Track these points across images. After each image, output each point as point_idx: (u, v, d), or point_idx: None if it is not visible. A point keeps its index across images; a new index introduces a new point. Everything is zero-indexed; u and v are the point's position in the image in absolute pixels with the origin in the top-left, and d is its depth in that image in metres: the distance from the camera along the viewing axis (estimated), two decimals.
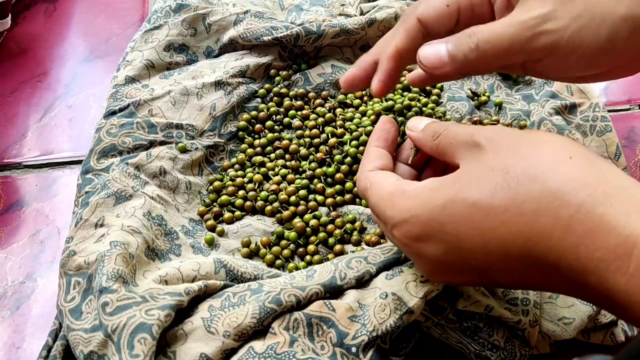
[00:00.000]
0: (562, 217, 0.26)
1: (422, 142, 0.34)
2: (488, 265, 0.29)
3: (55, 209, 0.51)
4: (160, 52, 0.56)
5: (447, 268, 0.31)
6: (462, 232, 0.29)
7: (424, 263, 0.32)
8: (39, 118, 0.58)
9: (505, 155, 0.29)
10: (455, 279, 0.32)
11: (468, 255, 0.29)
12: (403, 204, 0.31)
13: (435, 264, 0.31)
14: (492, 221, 0.28)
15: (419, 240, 0.31)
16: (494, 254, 0.28)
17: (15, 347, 0.43)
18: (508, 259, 0.28)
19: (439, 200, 0.30)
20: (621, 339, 0.40)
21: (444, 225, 0.29)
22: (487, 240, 0.28)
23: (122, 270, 0.38)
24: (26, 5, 0.68)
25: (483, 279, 0.31)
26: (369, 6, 0.61)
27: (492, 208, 0.28)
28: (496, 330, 0.38)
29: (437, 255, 0.30)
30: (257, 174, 0.51)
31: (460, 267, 0.30)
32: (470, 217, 0.28)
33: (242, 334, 0.36)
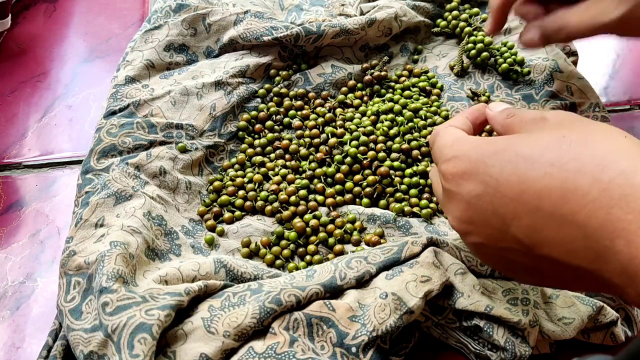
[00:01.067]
0: (602, 179, 0.27)
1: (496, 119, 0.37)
2: (515, 216, 0.30)
3: (55, 209, 0.51)
4: (160, 52, 0.56)
5: (475, 214, 0.32)
6: (503, 177, 0.30)
7: (456, 205, 0.33)
8: (39, 118, 0.58)
9: (566, 126, 0.31)
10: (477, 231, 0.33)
11: (500, 201, 0.30)
12: (461, 145, 0.34)
13: (465, 207, 0.33)
14: (536, 172, 0.29)
15: (461, 177, 0.33)
16: (526, 203, 0.29)
17: (15, 347, 0.43)
18: (537, 213, 0.29)
19: (493, 147, 0.32)
20: (621, 339, 0.40)
21: (489, 167, 0.31)
22: (524, 188, 0.29)
23: (122, 270, 0.38)
24: (26, 5, 0.68)
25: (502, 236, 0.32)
26: (369, 6, 0.61)
27: (539, 162, 0.29)
28: (496, 330, 0.38)
29: (471, 197, 0.32)
30: (257, 174, 0.51)
31: (487, 215, 0.32)
32: (516, 164, 0.30)
33: (242, 334, 0.36)
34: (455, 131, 0.36)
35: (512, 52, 0.57)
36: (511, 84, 0.57)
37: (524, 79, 0.56)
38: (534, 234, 0.30)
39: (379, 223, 0.48)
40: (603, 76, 0.63)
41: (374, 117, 0.54)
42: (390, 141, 0.52)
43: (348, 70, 0.58)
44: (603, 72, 0.64)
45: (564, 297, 0.40)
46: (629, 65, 0.64)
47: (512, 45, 0.58)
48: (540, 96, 0.55)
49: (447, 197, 0.35)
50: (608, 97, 0.60)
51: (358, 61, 0.60)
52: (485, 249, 0.34)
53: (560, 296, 0.40)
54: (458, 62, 0.59)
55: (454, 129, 0.37)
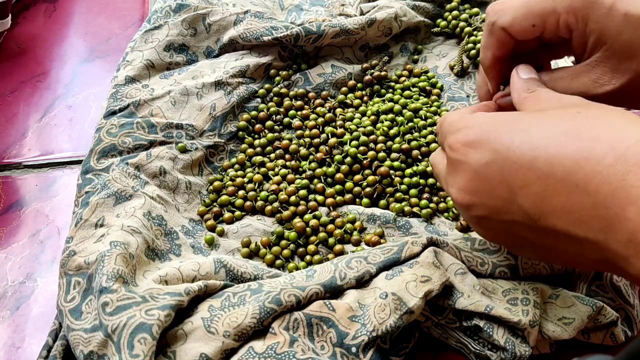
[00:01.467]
0: (618, 147, 0.27)
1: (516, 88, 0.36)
2: (524, 184, 0.30)
3: (55, 209, 0.51)
4: (160, 52, 0.56)
5: (481, 183, 0.32)
6: (515, 143, 0.30)
7: (461, 175, 0.33)
8: (39, 118, 0.58)
9: (582, 105, 0.31)
10: (482, 199, 0.32)
11: (509, 169, 0.30)
12: (473, 117, 0.33)
13: (471, 176, 0.32)
14: (549, 139, 0.29)
15: (470, 145, 0.32)
16: (537, 170, 0.29)
17: (15, 347, 0.43)
18: (547, 180, 0.29)
19: (507, 117, 0.32)
20: (621, 339, 0.40)
21: (501, 135, 0.31)
22: (536, 155, 0.29)
23: (122, 270, 0.38)
24: (26, 5, 0.68)
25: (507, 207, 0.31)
26: (369, 6, 0.61)
27: (552, 130, 0.29)
28: (496, 330, 0.38)
29: (479, 166, 0.31)
30: (257, 174, 0.51)
31: (493, 185, 0.31)
32: (529, 131, 0.30)
33: (242, 334, 0.36)
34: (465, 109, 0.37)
35: None
36: None
37: None
38: (541, 202, 0.29)
39: (379, 223, 0.48)
40: None
41: (374, 117, 0.54)
42: (390, 141, 0.52)
43: (348, 70, 0.58)
44: None
45: (564, 297, 0.40)
46: None
47: None
48: None
49: (452, 168, 0.34)
50: None
51: (358, 61, 0.60)
52: (488, 223, 0.34)
53: (560, 296, 0.40)
54: (458, 62, 0.59)
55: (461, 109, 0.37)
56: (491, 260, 0.41)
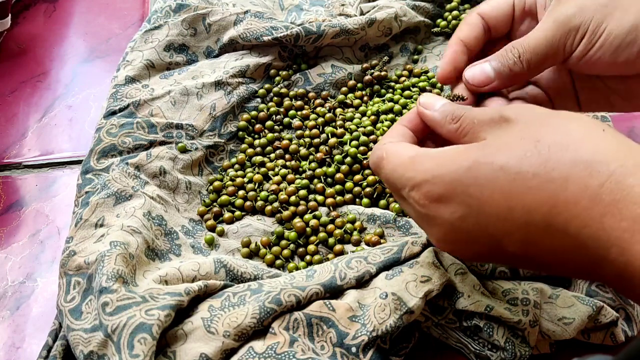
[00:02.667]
0: (591, 185, 0.26)
1: (438, 123, 0.34)
2: (505, 233, 0.29)
3: (55, 209, 0.51)
4: (160, 52, 0.56)
5: (460, 235, 0.30)
6: (485, 195, 0.28)
7: (437, 228, 0.31)
8: (39, 118, 0.58)
9: (536, 127, 0.29)
10: (465, 249, 0.32)
11: (486, 220, 0.29)
12: (426, 164, 0.31)
13: (448, 229, 0.31)
14: (519, 186, 0.27)
15: (439, 201, 0.30)
16: (515, 220, 0.28)
17: (15, 347, 0.43)
18: (528, 228, 0.28)
19: (465, 162, 0.29)
20: (621, 339, 0.40)
21: (467, 187, 0.29)
22: (512, 205, 0.28)
23: (122, 270, 0.38)
24: (26, 5, 0.68)
25: (493, 252, 0.30)
26: (369, 6, 0.61)
27: (520, 173, 0.27)
28: (496, 330, 0.38)
29: (454, 220, 0.30)
30: (257, 174, 0.51)
31: (473, 235, 0.30)
32: (496, 180, 0.28)
33: (242, 334, 0.36)
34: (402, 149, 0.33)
35: None
36: None
37: None
38: (527, 247, 0.29)
39: (379, 223, 0.48)
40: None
41: (374, 117, 0.54)
42: None
43: (348, 70, 0.58)
44: None
45: (564, 297, 0.40)
46: None
47: None
48: None
49: (426, 221, 0.32)
50: None
51: (358, 61, 0.60)
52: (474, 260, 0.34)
53: (560, 296, 0.40)
54: None
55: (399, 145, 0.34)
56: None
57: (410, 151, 0.32)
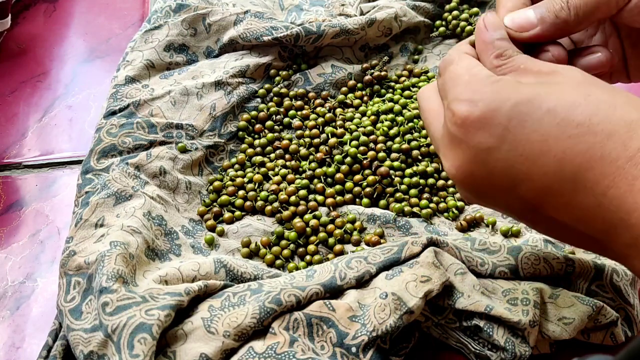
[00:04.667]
0: (631, 147, 0.26)
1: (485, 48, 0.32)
2: (529, 176, 0.28)
3: (55, 209, 0.51)
4: (160, 52, 0.56)
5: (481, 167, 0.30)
6: (524, 133, 0.28)
7: (460, 154, 0.30)
8: (39, 118, 0.58)
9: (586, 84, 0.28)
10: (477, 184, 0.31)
11: (514, 159, 0.28)
12: (479, 86, 0.30)
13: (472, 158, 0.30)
14: (561, 132, 0.27)
15: (475, 125, 0.29)
16: (545, 166, 0.27)
17: (15, 347, 0.43)
18: (554, 176, 0.27)
19: (516, 95, 0.28)
20: (621, 339, 0.40)
21: (510, 119, 0.28)
22: (546, 149, 0.27)
23: (122, 270, 0.38)
24: (26, 5, 0.68)
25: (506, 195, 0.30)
26: (369, 6, 0.61)
27: (565, 119, 0.27)
28: (496, 330, 0.38)
29: (482, 149, 0.29)
30: (257, 174, 0.51)
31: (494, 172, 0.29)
32: (540, 120, 0.28)
33: (242, 334, 0.36)
34: (472, 63, 0.32)
35: None
36: None
37: None
38: (544, 197, 0.28)
39: (379, 223, 0.48)
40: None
41: (374, 117, 0.54)
42: (390, 141, 0.52)
43: (348, 70, 0.58)
44: None
45: (564, 297, 0.40)
46: None
47: None
48: None
49: (450, 141, 0.31)
50: None
51: (358, 61, 0.60)
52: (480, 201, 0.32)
53: (560, 296, 0.40)
54: None
55: (471, 59, 0.32)
56: (491, 260, 0.41)
57: (476, 68, 0.31)
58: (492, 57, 0.31)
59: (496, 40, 0.32)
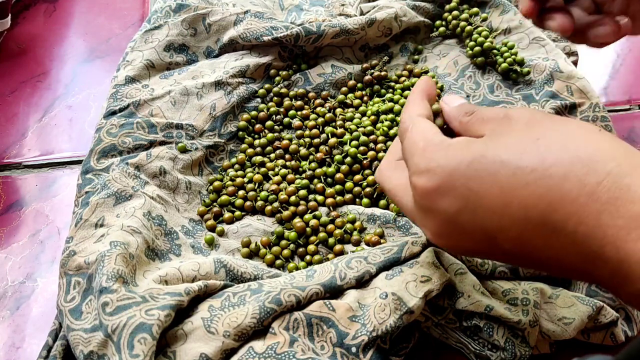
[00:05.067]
0: (589, 183, 0.26)
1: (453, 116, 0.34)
2: (501, 229, 0.29)
3: (55, 209, 0.51)
4: (160, 52, 0.56)
5: (456, 229, 0.31)
6: (484, 189, 0.29)
7: (433, 221, 0.31)
8: (39, 118, 0.58)
9: (537, 126, 0.29)
10: (460, 243, 0.32)
11: (483, 215, 0.29)
12: (433, 153, 0.31)
13: (444, 223, 0.31)
14: (518, 180, 0.28)
15: (437, 192, 0.30)
16: (512, 215, 0.28)
17: (15, 347, 0.43)
18: (525, 224, 0.28)
19: (468, 155, 0.30)
20: (621, 339, 0.40)
21: (468, 180, 0.29)
22: (509, 200, 0.28)
23: (122, 270, 0.38)
24: (26, 5, 0.68)
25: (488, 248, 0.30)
26: (369, 6, 0.61)
27: (520, 168, 0.28)
28: (496, 330, 0.38)
29: (451, 213, 0.30)
30: (257, 174, 0.51)
31: (469, 230, 0.30)
32: (495, 174, 0.28)
33: (242, 334, 0.36)
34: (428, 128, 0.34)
35: (512, 52, 0.57)
36: (511, 84, 0.57)
37: (524, 78, 0.56)
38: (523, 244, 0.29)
39: (379, 223, 0.48)
40: (603, 76, 0.63)
41: (374, 117, 0.54)
42: (390, 141, 0.52)
43: (348, 70, 0.58)
44: (603, 72, 0.64)
45: (564, 297, 0.40)
46: (629, 65, 0.64)
47: (513, 45, 0.58)
48: (541, 96, 0.55)
49: (422, 212, 0.32)
50: (608, 97, 0.60)
51: (358, 61, 0.60)
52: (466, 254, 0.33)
53: (560, 296, 0.40)
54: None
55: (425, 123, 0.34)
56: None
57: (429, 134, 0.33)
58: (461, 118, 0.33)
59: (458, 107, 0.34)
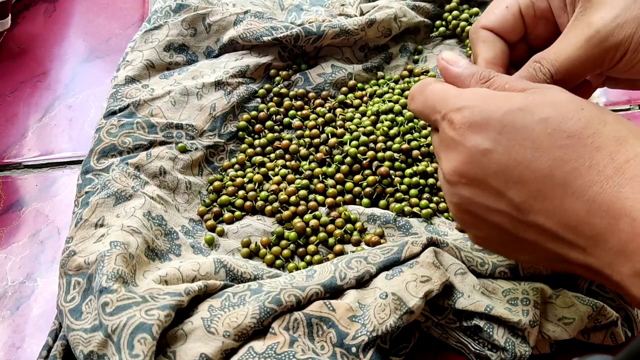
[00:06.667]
0: (618, 159, 0.28)
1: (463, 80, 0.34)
2: (520, 180, 0.29)
3: (55, 209, 0.51)
4: (160, 52, 0.56)
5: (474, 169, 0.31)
6: (517, 139, 0.29)
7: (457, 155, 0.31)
8: (39, 118, 0.58)
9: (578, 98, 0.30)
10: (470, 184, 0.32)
11: (507, 163, 0.29)
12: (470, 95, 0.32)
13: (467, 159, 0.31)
14: (552, 141, 0.29)
15: (472, 127, 0.30)
16: (535, 170, 0.29)
17: (15, 347, 0.43)
18: (545, 181, 0.29)
19: (508, 103, 0.30)
20: (621, 339, 0.40)
21: (503, 126, 0.30)
22: (538, 155, 0.29)
23: (122, 270, 0.38)
24: (26, 5, 0.68)
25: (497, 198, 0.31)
26: (368, 6, 0.61)
27: (558, 130, 0.29)
28: (496, 330, 0.38)
29: (477, 151, 0.30)
30: (257, 174, 0.51)
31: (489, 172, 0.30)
32: (532, 129, 0.29)
33: (242, 334, 0.36)
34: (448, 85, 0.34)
35: None
36: None
37: None
38: (534, 200, 0.29)
39: (379, 223, 0.48)
40: None
41: (374, 117, 0.54)
42: (390, 141, 0.52)
43: (348, 70, 0.58)
44: None
45: (564, 297, 0.40)
46: None
47: None
48: None
49: (447, 144, 0.32)
50: (608, 97, 0.60)
51: (358, 61, 0.60)
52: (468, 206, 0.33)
53: (560, 296, 0.40)
54: None
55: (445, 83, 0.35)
56: (491, 260, 0.41)
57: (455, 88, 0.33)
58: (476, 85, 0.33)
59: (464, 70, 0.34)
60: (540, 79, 0.34)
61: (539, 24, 0.37)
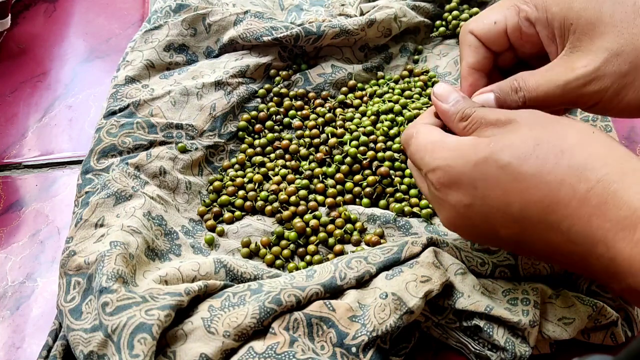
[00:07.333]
0: (580, 190, 0.29)
1: (449, 117, 0.36)
2: (503, 224, 0.32)
3: (55, 209, 0.51)
4: (160, 52, 0.56)
5: (464, 220, 0.34)
6: (488, 190, 0.32)
7: (446, 211, 0.35)
8: (39, 118, 0.58)
9: (537, 130, 0.32)
10: (468, 232, 0.36)
11: (487, 211, 0.32)
12: (441, 153, 0.34)
13: (455, 213, 0.34)
14: (518, 185, 0.31)
15: (448, 187, 0.34)
16: (513, 214, 0.31)
17: (15, 347, 0.43)
18: (524, 221, 0.31)
19: (474, 157, 0.32)
20: (621, 339, 0.40)
21: (474, 180, 0.32)
22: (510, 200, 0.31)
23: (122, 270, 0.38)
24: (26, 5, 0.68)
25: (492, 238, 0.35)
26: (368, 6, 0.61)
27: (520, 174, 0.31)
28: (496, 330, 0.38)
29: (460, 206, 0.33)
30: (257, 174, 0.51)
31: (476, 222, 0.34)
32: (498, 178, 0.31)
33: (242, 334, 0.36)
34: (430, 131, 0.36)
35: None
36: None
37: None
38: (522, 238, 0.32)
39: (379, 223, 0.48)
40: None
41: (374, 117, 0.54)
42: (390, 141, 0.52)
43: (348, 70, 0.58)
44: None
45: (564, 297, 0.40)
46: None
47: None
48: None
49: (437, 202, 0.36)
50: None
51: (358, 61, 0.60)
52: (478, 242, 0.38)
53: (560, 296, 0.40)
54: None
55: (428, 128, 0.36)
56: (491, 260, 0.41)
57: (435, 136, 0.35)
58: (457, 122, 0.35)
59: (451, 107, 0.36)
60: (513, 100, 0.36)
61: (525, 45, 0.38)
